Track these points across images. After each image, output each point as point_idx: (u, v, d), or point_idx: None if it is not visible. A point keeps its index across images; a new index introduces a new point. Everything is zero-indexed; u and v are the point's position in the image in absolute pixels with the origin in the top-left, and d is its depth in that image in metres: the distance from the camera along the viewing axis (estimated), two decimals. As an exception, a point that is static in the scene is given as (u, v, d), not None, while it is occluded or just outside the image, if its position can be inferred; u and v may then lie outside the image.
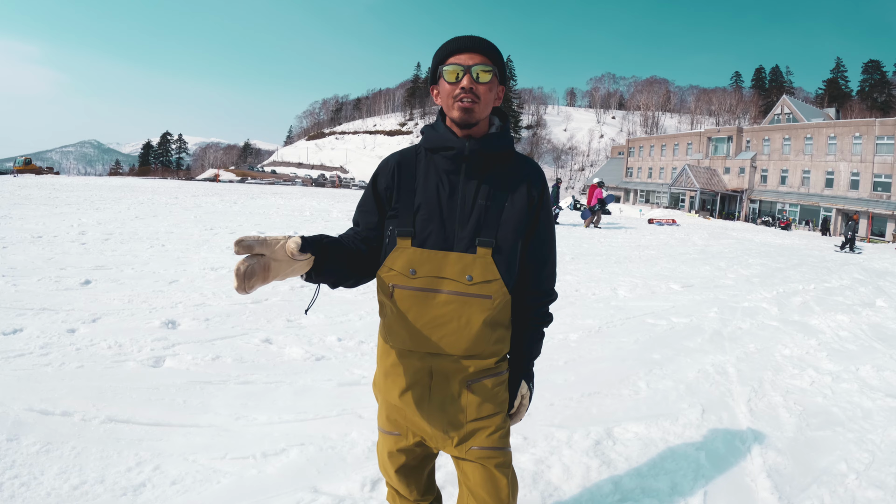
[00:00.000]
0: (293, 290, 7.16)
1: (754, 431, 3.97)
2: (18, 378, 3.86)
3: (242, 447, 3.26)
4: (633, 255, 13.48)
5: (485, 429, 1.95)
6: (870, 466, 3.48)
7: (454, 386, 1.91)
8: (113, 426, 3.37)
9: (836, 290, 9.60)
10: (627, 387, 4.73)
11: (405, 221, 1.87)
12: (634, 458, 3.54)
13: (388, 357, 1.97)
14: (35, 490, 2.67)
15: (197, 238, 10.87)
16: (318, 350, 4.99)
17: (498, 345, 1.92)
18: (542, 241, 1.98)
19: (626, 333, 6.40)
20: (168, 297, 6.31)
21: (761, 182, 58.78)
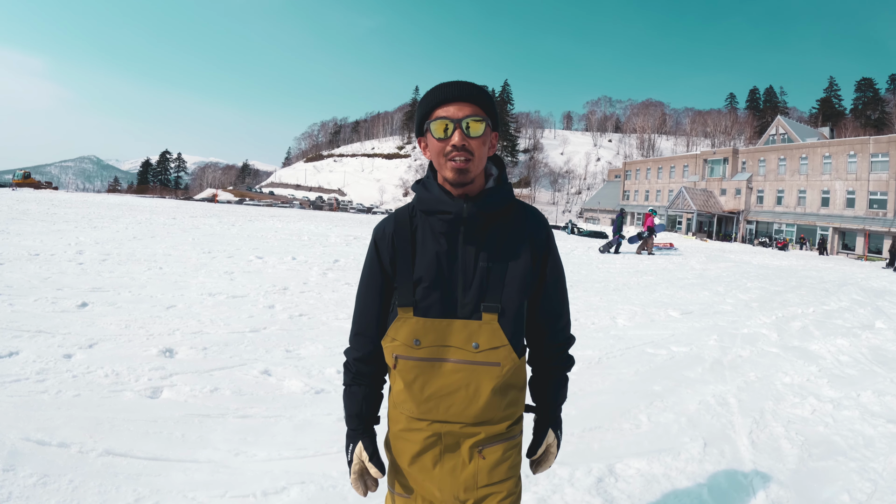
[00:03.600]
0: (291, 320, 7.13)
1: (756, 464, 3.94)
2: (15, 405, 3.83)
3: (242, 485, 3.22)
4: (632, 282, 13.47)
5: (496, 494, 1.89)
6: (872, 496, 3.47)
7: (465, 452, 1.86)
8: (111, 459, 3.32)
9: (835, 312, 9.60)
10: (628, 420, 4.69)
11: (405, 292, 1.81)
12: (637, 495, 3.52)
13: (397, 423, 1.92)
14: (31, 526, 2.64)
15: (195, 261, 10.86)
16: (318, 383, 4.95)
17: (510, 409, 1.87)
18: (552, 295, 1.92)
19: (625, 364, 6.35)
20: (165, 323, 6.27)
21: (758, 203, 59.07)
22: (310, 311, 7.69)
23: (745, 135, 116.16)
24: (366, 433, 1.95)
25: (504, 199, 1.81)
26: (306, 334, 6.52)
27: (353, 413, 1.96)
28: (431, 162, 1.81)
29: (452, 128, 1.71)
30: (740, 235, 59.24)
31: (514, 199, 1.87)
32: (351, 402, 1.96)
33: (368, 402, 1.96)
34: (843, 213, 49.48)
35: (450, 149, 1.71)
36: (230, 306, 7.48)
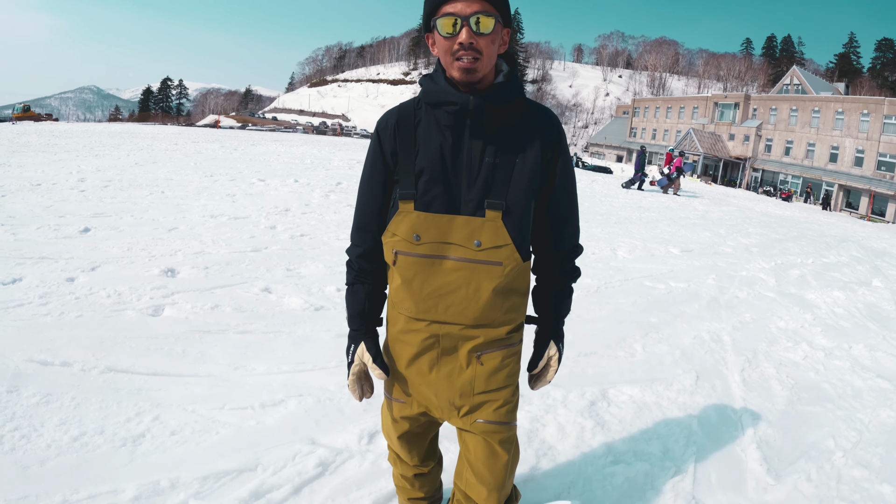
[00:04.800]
0: (293, 240, 7.14)
1: (746, 402, 3.99)
2: (18, 328, 3.85)
3: (241, 398, 3.27)
4: (634, 217, 13.35)
5: (492, 402, 1.88)
6: (857, 445, 3.49)
7: (463, 356, 1.83)
8: (112, 376, 3.37)
9: (833, 266, 9.54)
10: (624, 349, 4.74)
11: (407, 184, 1.75)
12: (628, 420, 3.57)
13: (395, 324, 1.89)
14: (35, 442, 2.68)
15: (197, 185, 10.80)
16: (318, 300, 4.98)
17: (510, 314, 1.82)
18: (560, 199, 1.85)
19: (624, 295, 6.39)
20: (167, 244, 6.28)
21: (765, 151, 57.85)
22: (311, 232, 7.69)
23: (758, 82, 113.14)
24: (368, 333, 1.93)
25: (513, 93, 1.73)
26: (307, 254, 6.53)
27: (356, 312, 1.93)
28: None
29: (460, 24, 1.61)
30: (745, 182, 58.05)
31: (523, 96, 1.78)
32: (353, 301, 1.93)
33: (371, 300, 1.93)
34: (851, 172, 48.47)
35: (457, 47, 1.62)
36: (232, 227, 7.47)
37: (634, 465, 3.06)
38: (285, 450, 2.84)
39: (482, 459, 1.92)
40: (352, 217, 1.95)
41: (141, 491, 2.44)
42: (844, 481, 3.07)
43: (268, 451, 2.82)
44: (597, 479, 2.93)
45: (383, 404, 2.14)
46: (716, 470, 3.10)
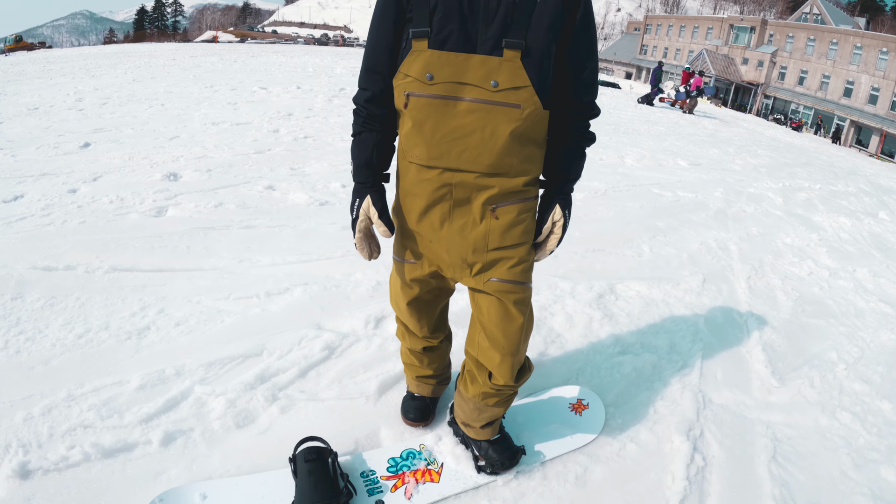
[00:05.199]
0: (296, 142, 6.99)
1: (752, 307, 3.99)
2: (21, 240, 3.78)
3: (246, 288, 3.23)
4: (643, 129, 13.01)
5: (506, 259, 1.78)
6: (858, 361, 3.45)
7: (476, 209, 1.72)
8: (117, 275, 3.32)
9: (841, 194, 9.26)
10: (631, 248, 4.75)
11: (421, 21, 1.60)
12: (636, 314, 3.58)
13: (406, 176, 1.77)
14: (40, 343, 2.64)
15: (197, 96, 10.55)
16: (322, 196, 4.89)
17: (527, 164, 1.71)
18: (579, 45, 1.69)
19: (631, 199, 6.34)
20: (169, 152, 6.15)
21: (779, 79, 55.35)
22: (315, 134, 7.53)
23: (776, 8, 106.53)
24: (374, 187, 1.82)
25: None
26: (311, 154, 6.41)
27: (363, 162, 1.81)
28: None
29: None
30: (755, 108, 55.69)
31: None
32: (360, 150, 1.81)
33: (379, 149, 1.81)
34: (864, 109, 46.31)
35: None
36: (234, 133, 7.31)
37: (642, 357, 3.08)
38: (291, 335, 2.81)
39: (496, 321, 1.84)
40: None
41: (146, 380, 2.41)
42: (846, 393, 3.08)
43: (273, 336, 2.78)
44: (605, 368, 2.94)
45: (392, 272, 2.07)
46: (722, 367, 3.13)
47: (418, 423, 2.38)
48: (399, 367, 2.64)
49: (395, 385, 2.58)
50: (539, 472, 2.23)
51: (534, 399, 2.62)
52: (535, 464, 2.25)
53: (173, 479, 2.00)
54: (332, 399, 2.44)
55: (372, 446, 2.26)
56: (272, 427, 2.27)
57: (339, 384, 2.53)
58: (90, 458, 2.03)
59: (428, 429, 2.38)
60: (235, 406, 2.32)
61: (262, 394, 2.39)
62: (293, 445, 2.03)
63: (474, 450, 2.19)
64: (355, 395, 2.48)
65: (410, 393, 2.42)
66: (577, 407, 2.57)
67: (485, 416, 2.07)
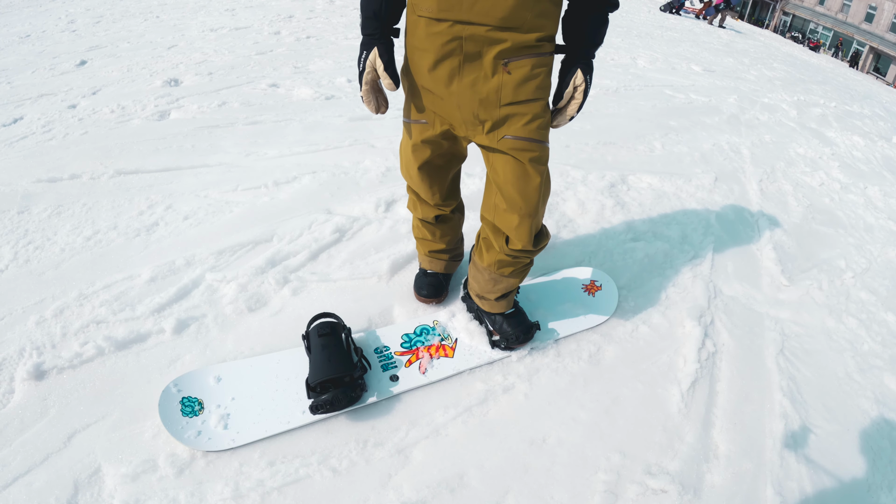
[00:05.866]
0: (299, 42, 6.74)
1: (763, 208, 3.94)
2: (24, 157, 3.69)
3: (253, 179, 3.16)
4: (656, 34, 12.40)
5: (521, 115, 1.67)
6: (866, 272, 3.40)
7: (488, 64, 1.60)
8: (122, 178, 3.24)
9: (856, 115, 8.74)
10: (643, 144, 4.66)
11: None
12: (648, 205, 3.54)
13: (414, 31, 1.65)
14: (49, 250, 2.60)
15: (193, 5, 10.16)
16: (328, 90, 4.73)
17: (541, 19, 1.57)
18: None
19: (643, 98, 6.16)
20: (168, 60, 5.95)
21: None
22: (318, 34, 7.25)
23: None
24: (382, 39, 1.71)
25: None
26: (314, 52, 6.19)
27: (371, 13, 1.69)
28: None
29: None
30: (773, 25, 52.41)
31: None
32: (369, 2, 1.70)
33: (389, 1, 1.70)
34: (885, 36, 43.11)
35: None
36: (234, 37, 7.05)
37: (654, 244, 3.06)
38: (301, 220, 2.75)
39: (512, 181, 1.76)
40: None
41: (157, 272, 2.38)
42: (853, 300, 3.06)
43: (283, 222, 2.73)
44: (617, 253, 2.93)
45: (402, 137, 1.98)
46: (732, 261, 3.12)
47: (431, 299, 2.34)
48: (411, 247, 2.58)
49: (408, 264, 2.53)
50: (553, 349, 2.23)
51: (547, 278, 2.59)
52: (549, 341, 2.24)
53: (187, 365, 1.99)
54: (343, 279, 2.40)
55: (385, 323, 2.24)
56: (284, 309, 2.24)
57: (350, 265, 2.48)
58: (104, 351, 2.02)
59: (441, 305, 2.35)
60: (247, 290, 2.29)
61: (274, 277, 2.35)
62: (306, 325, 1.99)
63: (488, 325, 2.16)
64: (367, 275, 2.44)
65: (423, 270, 2.38)
66: (590, 288, 2.56)
67: (500, 287, 2.01)
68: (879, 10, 45.45)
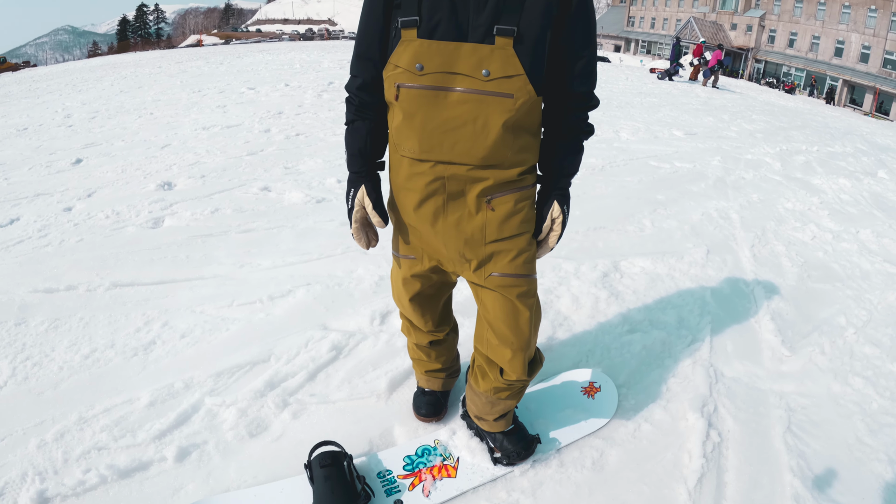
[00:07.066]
0: (288, 140, 6.96)
1: (757, 276, 3.99)
2: (20, 263, 3.76)
3: (248, 293, 3.21)
4: (635, 102, 12.91)
5: (506, 252, 1.73)
6: (867, 324, 3.44)
7: (471, 202, 1.66)
8: (118, 291, 3.30)
9: (838, 155, 9.19)
10: (632, 224, 4.73)
11: (409, 9, 1.54)
12: (642, 291, 3.57)
13: (399, 170, 1.71)
14: (47, 367, 2.63)
15: (185, 102, 10.49)
16: (319, 193, 4.86)
17: (522, 154, 1.64)
18: (575, 31, 1.60)
19: (629, 174, 6.31)
20: (161, 161, 6.12)
21: (768, 42, 54.82)
22: (307, 131, 7.49)
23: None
24: (369, 177, 1.78)
25: None
26: (304, 151, 6.38)
27: (356, 150, 1.76)
28: None
29: None
30: (747, 73, 55.28)
31: None
32: (353, 140, 1.77)
33: (373, 138, 1.77)
34: (856, 68, 45.81)
35: None
36: (225, 136, 7.27)
37: (651, 334, 3.06)
38: (297, 338, 2.79)
39: (502, 318, 1.80)
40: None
41: (156, 396, 2.40)
42: (857, 357, 3.07)
43: (279, 341, 2.77)
44: (614, 348, 2.93)
45: (393, 267, 2.03)
46: (731, 340, 3.12)
47: (431, 418, 2.36)
48: (408, 362, 2.62)
49: (406, 381, 2.56)
50: (556, 460, 2.22)
51: (545, 385, 2.61)
52: (551, 451, 2.24)
53: (191, 495, 1.99)
54: (342, 400, 2.43)
55: (386, 445, 2.25)
56: (285, 433, 2.26)
57: (349, 384, 2.51)
58: (107, 480, 2.02)
59: (441, 423, 2.36)
60: (247, 415, 2.31)
61: (273, 400, 2.38)
62: (308, 450, 2.02)
63: (489, 442, 2.17)
64: (366, 395, 2.47)
65: (421, 388, 2.41)
66: (589, 390, 2.57)
67: (498, 409, 2.05)
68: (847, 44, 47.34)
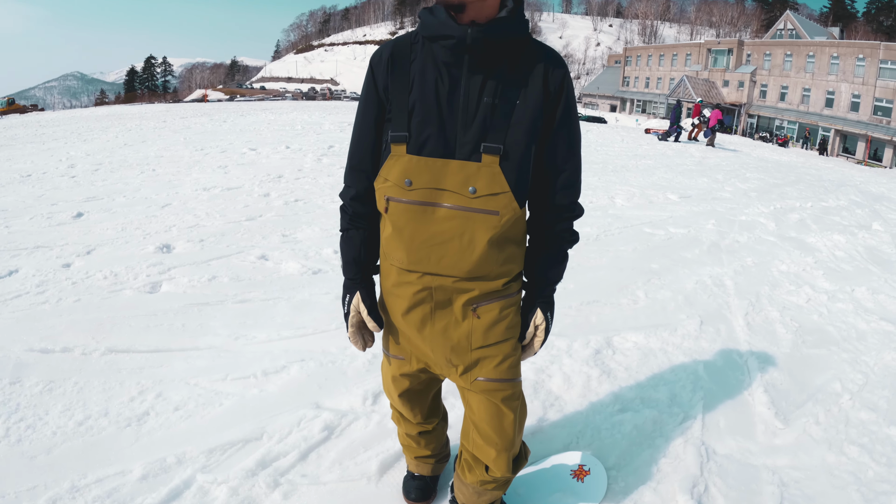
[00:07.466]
0: (287, 206, 7.08)
1: (751, 346, 3.99)
2: (17, 319, 3.81)
3: (243, 367, 3.24)
4: (630, 165, 13.20)
5: (492, 357, 1.78)
6: (863, 388, 3.48)
7: (458, 310, 1.72)
8: (113, 357, 3.34)
9: (832, 209, 9.43)
10: (626, 296, 4.73)
11: (399, 125, 1.61)
12: (634, 367, 3.56)
13: (388, 277, 1.79)
14: (41, 431, 2.65)
15: (188, 160, 10.67)
16: (315, 264, 4.94)
17: (507, 265, 1.71)
18: (557, 145, 1.68)
19: (623, 242, 6.38)
20: (161, 221, 6.22)
21: (760, 97, 56.97)
22: (305, 197, 7.62)
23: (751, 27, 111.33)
24: (364, 283, 1.85)
25: (514, 29, 1.59)
26: (302, 218, 6.49)
27: (351, 259, 1.84)
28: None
29: None
30: (741, 129, 57.20)
31: (527, 34, 1.64)
32: (348, 248, 1.85)
33: (367, 246, 1.84)
34: (847, 117, 47.57)
35: None
36: (225, 198, 7.40)
37: (642, 413, 3.06)
38: (290, 416, 2.81)
39: (487, 420, 1.85)
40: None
41: (148, 469, 2.42)
42: (853, 424, 3.07)
43: (272, 418, 2.79)
44: (605, 428, 2.93)
45: (383, 361, 2.08)
46: (724, 415, 3.11)
47: (420, 503, 2.38)
48: (399, 445, 2.64)
49: (396, 463, 2.58)
50: None
51: (535, 468, 2.62)
52: None
53: (180, 573, 2.00)
54: (333, 482, 2.45)
55: (376, 530, 2.27)
56: (275, 515, 2.28)
57: (339, 466, 2.54)
58: (97, 554, 2.03)
59: (431, 507, 2.37)
60: (238, 494, 2.32)
61: (264, 480, 2.40)
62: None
63: (478, 528, 2.19)
64: (357, 477, 2.49)
65: (411, 472, 2.43)
66: (578, 473, 2.57)
67: (485, 499, 2.07)
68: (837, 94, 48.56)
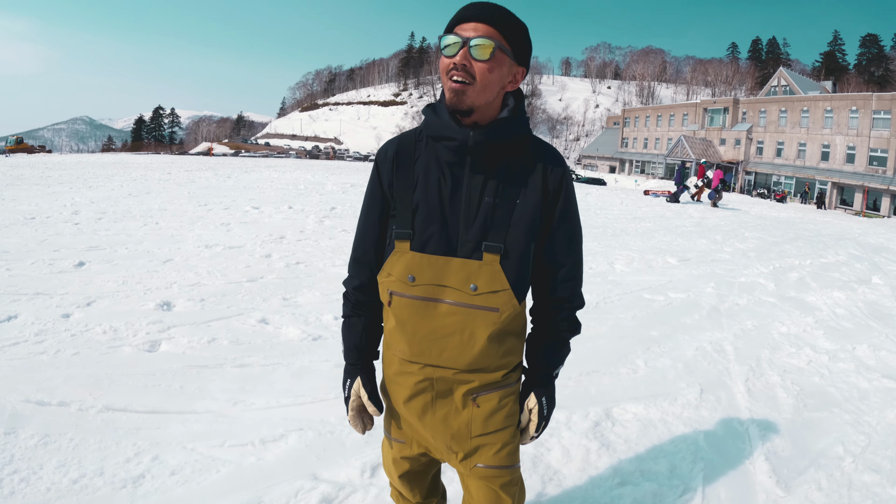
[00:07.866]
0: (288, 268, 7.13)
1: (752, 412, 3.97)
2: (14, 368, 3.82)
3: (241, 434, 3.23)
4: (630, 228, 13.38)
5: (491, 445, 1.81)
6: (866, 449, 3.47)
7: (458, 399, 1.77)
8: (110, 415, 3.33)
9: (832, 265, 9.55)
10: (626, 365, 4.71)
11: (403, 222, 1.68)
12: (633, 439, 3.54)
13: (391, 366, 1.83)
14: (35, 485, 2.64)
15: (191, 215, 10.79)
16: (315, 330, 4.96)
17: (507, 357, 1.76)
18: (556, 242, 1.75)
19: (623, 309, 6.38)
20: (162, 277, 6.26)
21: (757, 154, 58.42)
22: (307, 259, 7.68)
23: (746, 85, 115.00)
24: (364, 368, 1.89)
25: (515, 130, 1.66)
26: (303, 282, 6.52)
27: (352, 345, 1.89)
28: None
29: (459, 46, 1.55)
30: (738, 186, 58.44)
31: (528, 133, 1.72)
32: (350, 334, 1.90)
33: (368, 334, 1.89)
34: (843, 169, 48.84)
35: (451, 66, 1.56)
36: (227, 257, 7.45)
37: (642, 486, 3.03)
38: (287, 487, 2.80)
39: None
40: (347, 242, 1.92)
41: (142, 535, 2.40)
42: (856, 487, 3.05)
43: (269, 488, 2.78)
44: (604, 502, 2.90)
45: (384, 441, 2.09)
46: (725, 486, 3.07)
47: None
48: (397, 521, 2.64)
49: (393, 540, 2.57)
50: None
51: None
52: None
53: None
54: (327, 560, 2.44)
55: None
56: (268, 592, 2.25)
57: (335, 541, 2.52)
58: None
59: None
60: (231, 568, 2.31)
61: (259, 554, 2.39)
62: None
63: None
64: (352, 556, 2.48)
65: (409, 548, 2.42)
66: None
67: None
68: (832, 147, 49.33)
